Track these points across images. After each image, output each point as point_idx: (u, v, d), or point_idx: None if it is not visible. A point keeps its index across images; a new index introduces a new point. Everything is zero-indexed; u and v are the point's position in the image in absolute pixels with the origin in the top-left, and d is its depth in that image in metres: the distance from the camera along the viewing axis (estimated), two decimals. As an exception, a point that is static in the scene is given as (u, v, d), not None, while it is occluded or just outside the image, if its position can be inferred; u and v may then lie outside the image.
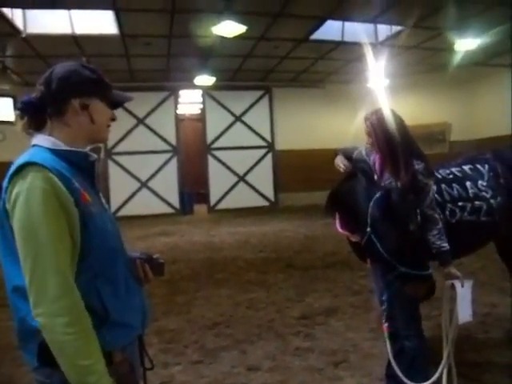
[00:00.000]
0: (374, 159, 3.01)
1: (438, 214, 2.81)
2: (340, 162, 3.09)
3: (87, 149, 1.62)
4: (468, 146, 13.68)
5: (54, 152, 1.48)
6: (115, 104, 1.69)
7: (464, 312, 2.73)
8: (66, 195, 1.39)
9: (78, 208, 1.42)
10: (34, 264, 1.33)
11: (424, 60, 14.74)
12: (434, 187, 2.91)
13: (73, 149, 1.52)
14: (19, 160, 1.41)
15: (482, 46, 12.04)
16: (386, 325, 2.96)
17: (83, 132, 1.57)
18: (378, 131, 2.84)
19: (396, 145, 2.81)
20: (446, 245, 2.73)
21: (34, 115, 1.54)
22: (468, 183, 3.22)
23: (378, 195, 2.79)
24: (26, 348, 1.44)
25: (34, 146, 1.51)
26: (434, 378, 2.80)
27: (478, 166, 3.36)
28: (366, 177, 2.92)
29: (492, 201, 3.17)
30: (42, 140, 1.51)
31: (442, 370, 2.82)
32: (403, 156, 2.80)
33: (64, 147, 1.51)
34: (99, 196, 1.63)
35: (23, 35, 10.38)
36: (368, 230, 2.79)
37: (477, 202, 3.15)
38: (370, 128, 2.89)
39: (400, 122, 2.91)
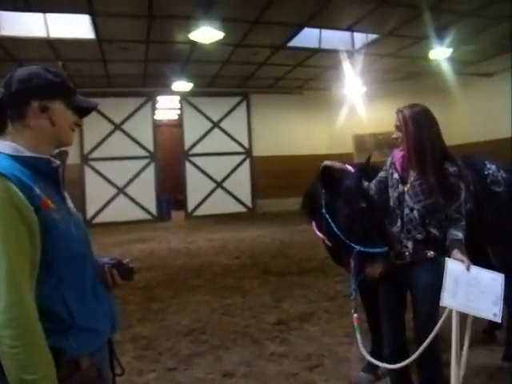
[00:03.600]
0: (394, 158, 2.92)
1: (463, 216, 2.74)
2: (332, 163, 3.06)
3: (54, 152, 1.60)
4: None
5: (16, 159, 1.45)
6: (82, 111, 1.67)
7: (483, 305, 2.50)
8: (25, 204, 1.36)
9: (39, 215, 1.39)
10: None
11: (400, 68, 15.02)
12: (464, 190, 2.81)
13: (35, 155, 1.49)
14: None
15: (455, 56, 12.33)
16: (355, 316, 3.00)
17: (45, 135, 1.55)
18: (410, 125, 2.71)
19: (426, 143, 2.69)
20: (460, 235, 2.68)
21: None
22: None
23: (321, 178, 2.94)
24: None
25: None
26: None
27: None
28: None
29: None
30: (3, 146, 1.48)
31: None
32: (432, 156, 2.68)
33: (26, 153, 1.48)
34: (65, 202, 1.61)
35: (-4, 37, 10.22)
36: (323, 211, 2.93)
37: None
38: (401, 121, 2.74)
39: (433, 121, 2.78)
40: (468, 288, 2.53)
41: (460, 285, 2.53)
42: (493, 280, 2.54)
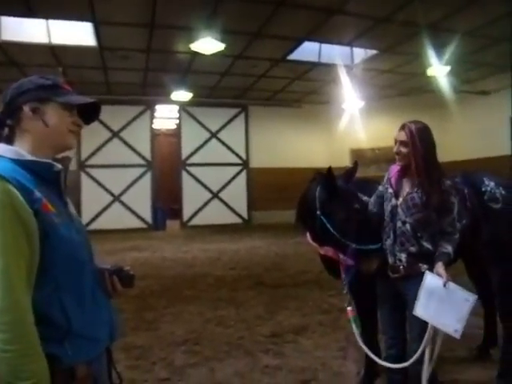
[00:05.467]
0: (390, 173, 2.97)
1: (457, 230, 2.79)
2: None
3: (59, 156, 1.61)
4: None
5: (18, 162, 1.46)
6: (83, 111, 1.67)
7: (449, 321, 2.60)
8: (24, 207, 1.37)
9: (39, 218, 1.39)
10: None
11: (398, 84, 15.15)
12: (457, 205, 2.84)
13: (36, 159, 1.50)
14: None
15: (452, 73, 12.46)
16: (349, 308, 3.10)
17: (42, 138, 1.56)
18: (417, 141, 2.73)
19: (433, 159, 2.78)
20: (449, 249, 2.71)
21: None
22: None
23: (321, 180, 3.03)
24: None
25: None
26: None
27: None
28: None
29: (457, 223, 3.24)
30: (5, 150, 1.49)
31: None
32: (438, 172, 2.76)
33: (27, 157, 1.49)
34: (67, 206, 1.61)
35: (-3, 42, 10.25)
36: (318, 213, 2.98)
37: None
38: (408, 135, 2.75)
39: (433, 139, 2.83)
40: (440, 303, 2.62)
41: (433, 299, 2.63)
42: (465, 300, 2.61)
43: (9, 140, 1.54)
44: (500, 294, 3.60)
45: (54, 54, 11.13)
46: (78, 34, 10.47)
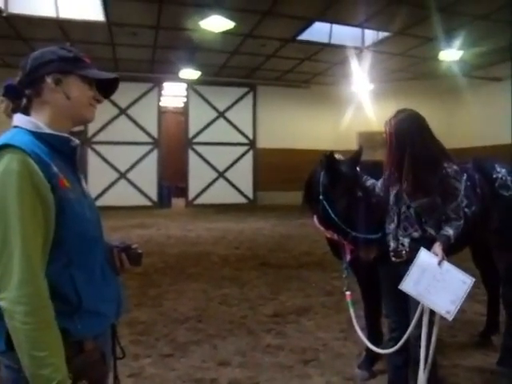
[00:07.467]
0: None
1: (461, 217, 2.74)
2: None
3: (74, 129, 1.59)
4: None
5: (36, 135, 1.45)
6: (103, 86, 1.66)
7: (440, 301, 2.58)
8: (43, 180, 1.36)
9: (55, 193, 1.39)
10: (1, 247, 1.31)
11: (408, 67, 14.95)
12: (462, 191, 2.81)
13: (55, 133, 1.49)
14: None
15: (465, 58, 12.28)
16: (347, 293, 3.16)
17: (62, 110, 1.54)
18: (393, 141, 2.69)
19: (423, 149, 2.68)
20: (450, 232, 2.68)
21: (15, 99, 1.52)
22: None
23: (325, 164, 2.97)
24: None
25: (15, 127, 1.48)
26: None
27: None
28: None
29: (466, 210, 3.21)
30: (23, 122, 1.48)
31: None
32: (412, 171, 2.67)
33: (46, 130, 1.48)
34: (80, 182, 1.60)
35: (4, 14, 10.12)
36: (321, 197, 2.97)
37: None
38: (387, 135, 2.73)
39: (419, 131, 2.75)
40: (432, 281, 2.60)
41: (425, 276, 2.61)
42: (462, 282, 2.58)
43: (25, 111, 1.52)
44: (506, 282, 3.60)
45: (62, 28, 11.05)
46: (86, 8, 10.37)
